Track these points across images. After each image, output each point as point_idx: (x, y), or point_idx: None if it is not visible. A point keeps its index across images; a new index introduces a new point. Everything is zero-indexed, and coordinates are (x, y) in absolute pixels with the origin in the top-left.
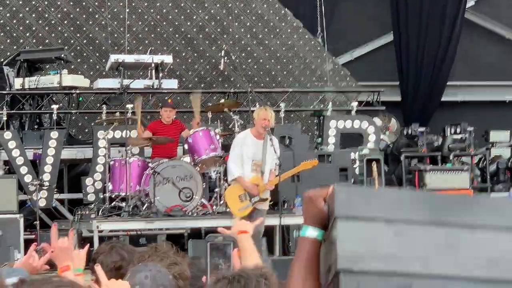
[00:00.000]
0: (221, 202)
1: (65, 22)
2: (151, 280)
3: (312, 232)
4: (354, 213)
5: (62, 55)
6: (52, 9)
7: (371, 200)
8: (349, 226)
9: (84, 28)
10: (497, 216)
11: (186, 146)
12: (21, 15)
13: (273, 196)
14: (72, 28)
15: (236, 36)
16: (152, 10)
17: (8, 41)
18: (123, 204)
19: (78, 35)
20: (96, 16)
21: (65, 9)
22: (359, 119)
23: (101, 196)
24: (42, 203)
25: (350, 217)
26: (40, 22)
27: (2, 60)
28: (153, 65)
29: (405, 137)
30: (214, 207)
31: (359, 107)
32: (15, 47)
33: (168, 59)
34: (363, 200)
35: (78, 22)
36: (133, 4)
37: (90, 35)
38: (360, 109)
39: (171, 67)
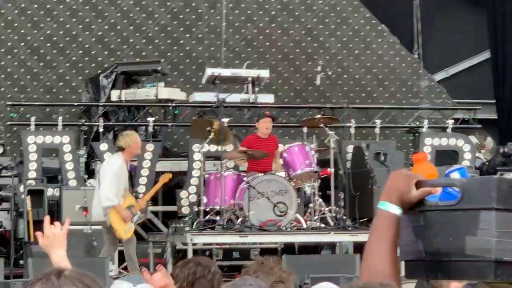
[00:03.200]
0: (315, 217)
1: (162, 35)
2: None
3: (396, 210)
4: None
5: (159, 68)
6: (150, 22)
7: None
8: (506, 217)
9: (181, 41)
10: None
11: (281, 161)
12: (119, 27)
13: (368, 212)
14: (169, 41)
15: (333, 51)
16: (249, 24)
17: (105, 53)
18: (217, 217)
19: (175, 48)
20: (193, 29)
21: (162, 22)
22: (455, 137)
23: (196, 209)
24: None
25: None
26: (137, 34)
27: (99, 72)
28: (249, 79)
29: (501, 156)
30: (308, 222)
31: (455, 124)
32: (112, 59)
33: (264, 73)
34: None
35: (175, 35)
36: (230, 18)
37: (187, 48)
38: (456, 127)
39: (268, 81)
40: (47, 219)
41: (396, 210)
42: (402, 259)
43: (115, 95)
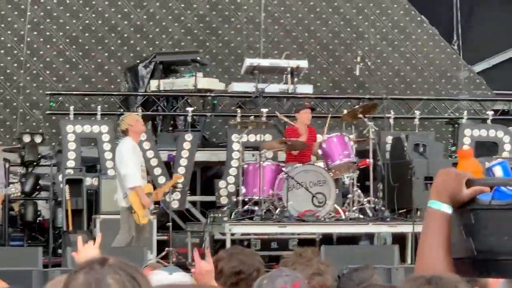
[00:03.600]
0: (354, 208)
1: (201, 25)
2: (290, 286)
3: (448, 209)
4: None
5: (198, 58)
6: (189, 12)
7: None
8: None
9: (220, 31)
10: None
11: (320, 152)
12: (157, 17)
13: (407, 203)
14: (207, 31)
15: (372, 42)
16: (288, 15)
17: (144, 42)
18: (256, 208)
19: (213, 38)
20: (232, 19)
21: (201, 12)
22: (495, 128)
23: (234, 199)
24: (175, 205)
25: None
26: (176, 24)
27: (138, 61)
28: (288, 69)
29: None
30: (347, 213)
31: (495, 115)
32: (151, 48)
33: (303, 64)
34: None
35: (214, 25)
36: (269, 9)
37: (226, 38)
38: (495, 118)
39: (306, 72)
40: (79, 239)
41: (448, 209)
42: (451, 257)
43: (153, 85)
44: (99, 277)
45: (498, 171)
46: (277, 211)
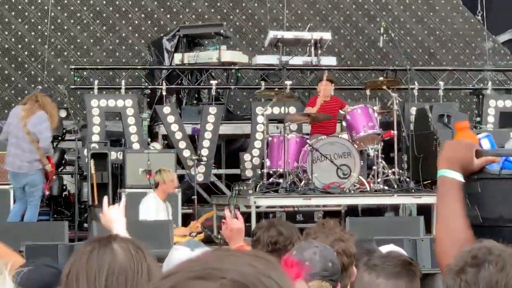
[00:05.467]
0: (379, 180)
1: None
2: (319, 256)
3: (460, 177)
4: None
5: (221, 31)
6: None
7: None
8: None
9: (243, 4)
10: None
11: (344, 123)
12: None
13: (432, 174)
14: (231, 4)
15: (395, 13)
16: None
17: (168, 16)
18: (281, 180)
19: (237, 11)
20: None
21: None
22: None
23: (259, 172)
24: (200, 178)
25: None
26: None
27: (162, 35)
28: (312, 41)
29: None
30: (372, 184)
31: None
32: (174, 22)
33: (327, 35)
34: None
35: None
36: None
37: (249, 11)
38: None
39: (330, 43)
40: (105, 200)
41: (460, 177)
42: None
43: (177, 58)
44: (105, 244)
45: (486, 143)
46: (302, 184)
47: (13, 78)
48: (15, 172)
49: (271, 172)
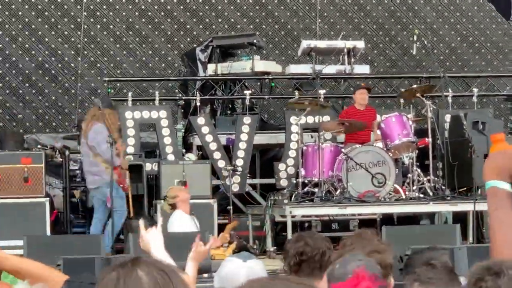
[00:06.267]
0: (414, 188)
1: (257, 7)
2: (365, 268)
3: (510, 187)
4: None
5: (254, 41)
6: None
7: None
8: None
9: (276, 13)
10: None
11: (379, 132)
12: (213, 0)
13: (467, 181)
14: (263, 14)
15: (428, 20)
16: None
17: (200, 26)
18: (316, 189)
19: (269, 20)
20: (288, 1)
21: None
22: None
23: (294, 182)
24: (235, 188)
25: None
26: (232, 7)
27: (195, 45)
28: (345, 50)
29: None
30: (407, 192)
31: None
32: (207, 32)
33: (360, 44)
34: None
35: (269, 7)
36: None
37: (282, 20)
38: None
39: (363, 52)
40: (141, 223)
41: (510, 187)
42: None
43: (211, 69)
44: (130, 271)
45: None
46: (337, 192)
47: (46, 91)
48: (90, 188)
49: (306, 181)
